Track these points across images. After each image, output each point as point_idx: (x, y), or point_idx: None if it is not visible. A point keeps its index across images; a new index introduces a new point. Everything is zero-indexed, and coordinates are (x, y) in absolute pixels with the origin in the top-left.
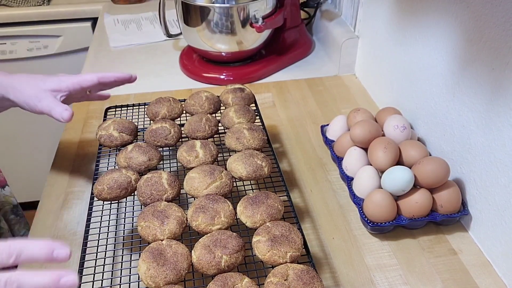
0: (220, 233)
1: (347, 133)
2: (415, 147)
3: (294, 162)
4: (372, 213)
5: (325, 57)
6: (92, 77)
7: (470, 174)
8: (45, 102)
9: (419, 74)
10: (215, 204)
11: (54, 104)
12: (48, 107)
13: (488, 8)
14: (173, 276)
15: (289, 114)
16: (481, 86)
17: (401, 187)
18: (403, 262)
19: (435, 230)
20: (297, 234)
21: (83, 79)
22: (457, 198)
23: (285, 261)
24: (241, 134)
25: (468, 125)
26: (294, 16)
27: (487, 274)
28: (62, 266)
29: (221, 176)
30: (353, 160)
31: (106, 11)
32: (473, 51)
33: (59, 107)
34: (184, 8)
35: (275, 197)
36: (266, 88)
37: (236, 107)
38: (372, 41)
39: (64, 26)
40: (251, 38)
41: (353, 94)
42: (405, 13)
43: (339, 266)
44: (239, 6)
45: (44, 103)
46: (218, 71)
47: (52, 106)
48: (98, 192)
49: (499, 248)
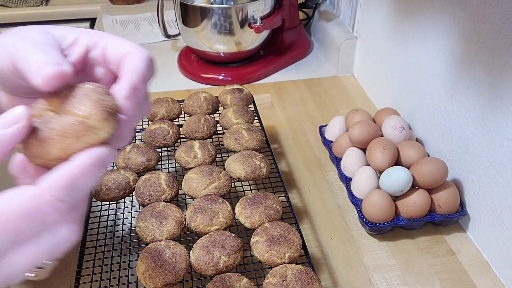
0: (218, 234)
1: (346, 134)
2: (413, 147)
3: (292, 163)
4: (371, 214)
5: (324, 57)
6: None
7: (468, 174)
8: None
9: (417, 74)
10: (214, 205)
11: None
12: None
13: (485, 9)
14: (172, 277)
15: (287, 115)
16: (479, 87)
17: (399, 187)
18: (401, 262)
19: (433, 231)
20: (296, 234)
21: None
22: (455, 199)
23: (284, 262)
24: (239, 135)
25: (466, 125)
26: (293, 16)
27: (485, 274)
28: (60, 266)
29: (219, 176)
30: (351, 160)
31: (104, 12)
32: (471, 52)
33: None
34: (182, 9)
35: (273, 198)
36: (265, 88)
37: (235, 108)
38: (371, 42)
39: None
40: (249, 38)
41: (351, 94)
42: (403, 14)
43: (337, 266)
44: (238, 7)
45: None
46: (217, 72)
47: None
48: (96, 193)
49: (497, 249)
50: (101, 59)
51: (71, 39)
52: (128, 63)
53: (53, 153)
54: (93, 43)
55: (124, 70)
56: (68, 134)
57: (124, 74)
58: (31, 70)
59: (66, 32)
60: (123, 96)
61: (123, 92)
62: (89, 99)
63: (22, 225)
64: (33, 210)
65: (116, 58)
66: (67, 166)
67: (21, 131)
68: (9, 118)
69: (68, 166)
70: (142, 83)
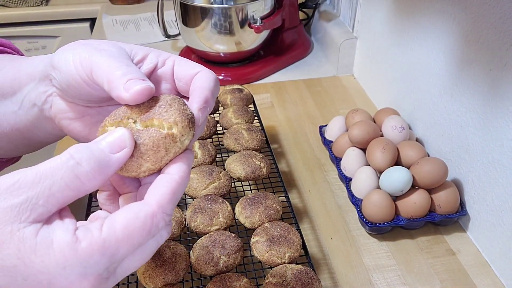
0: (218, 234)
1: (346, 134)
2: (413, 147)
3: (292, 163)
4: (371, 214)
5: (324, 58)
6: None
7: (468, 174)
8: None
9: (417, 75)
10: (214, 205)
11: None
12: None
13: (485, 9)
14: (172, 277)
15: (287, 115)
16: (479, 87)
17: (400, 187)
18: (401, 262)
19: (433, 231)
20: (296, 234)
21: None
22: (455, 199)
23: (284, 262)
24: (239, 135)
25: (466, 125)
26: (293, 16)
27: (485, 274)
28: None
29: (219, 176)
30: (351, 160)
31: (104, 12)
32: (471, 52)
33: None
34: (182, 9)
35: (273, 198)
36: (265, 88)
37: (235, 108)
38: (371, 42)
39: (63, 26)
40: (249, 38)
41: (351, 94)
42: (403, 14)
43: (337, 266)
44: (238, 7)
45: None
46: (217, 72)
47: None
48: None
49: (497, 249)
50: (169, 76)
51: (141, 55)
52: (200, 80)
53: (146, 167)
54: (162, 61)
55: (197, 86)
56: (159, 148)
57: (197, 90)
58: (115, 83)
59: (136, 48)
60: (197, 108)
61: (196, 104)
62: (173, 108)
63: (141, 240)
64: (152, 228)
65: (188, 76)
66: (169, 180)
67: (128, 155)
68: (116, 142)
69: (169, 180)
70: (212, 99)
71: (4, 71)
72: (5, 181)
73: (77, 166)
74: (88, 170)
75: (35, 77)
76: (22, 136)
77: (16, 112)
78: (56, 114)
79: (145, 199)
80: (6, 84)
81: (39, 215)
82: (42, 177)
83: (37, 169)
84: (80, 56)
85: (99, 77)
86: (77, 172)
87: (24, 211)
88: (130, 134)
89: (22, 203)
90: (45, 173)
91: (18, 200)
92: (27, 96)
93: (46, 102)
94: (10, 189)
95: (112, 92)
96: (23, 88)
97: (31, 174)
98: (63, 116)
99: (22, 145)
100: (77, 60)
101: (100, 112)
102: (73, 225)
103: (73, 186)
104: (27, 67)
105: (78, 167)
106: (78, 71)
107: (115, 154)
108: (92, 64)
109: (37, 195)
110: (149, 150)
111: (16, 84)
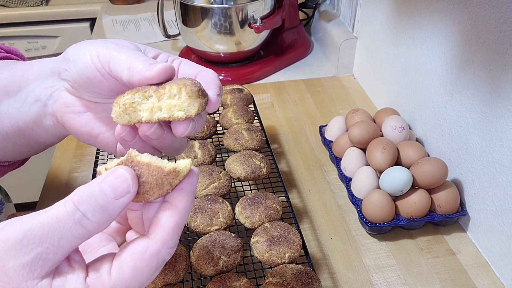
0: (218, 234)
1: (346, 134)
2: (413, 147)
3: (292, 163)
4: (371, 214)
5: (323, 58)
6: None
7: (468, 174)
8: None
9: (417, 75)
10: (214, 205)
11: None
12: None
13: (485, 9)
14: (172, 277)
15: (287, 115)
16: (479, 87)
17: (399, 187)
18: (401, 262)
19: (433, 231)
20: (296, 234)
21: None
22: (455, 199)
23: (284, 262)
24: (239, 135)
25: (466, 125)
26: (293, 16)
27: (485, 274)
28: None
29: (219, 176)
30: (351, 160)
31: (104, 12)
32: (470, 52)
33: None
34: (182, 9)
35: (273, 198)
36: (265, 88)
37: (235, 108)
38: (370, 42)
39: (62, 26)
40: (249, 38)
41: (351, 94)
42: (403, 14)
43: (337, 266)
44: (238, 7)
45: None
46: (217, 72)
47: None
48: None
49: (497, 249)
50: (176, 74)
51: (152, 54)
52: (208, 73)
53: (151, 199)
54: (171, 60)
55: (208, 79)
56: (164, 185)
57: (209, 81)
58: (137, 68)
59: (148, 48)
60: (215, 93)
61: (212, 91)
62: (185, 79)
63: (148, 276)
64: (158, 263)
65: (193, 74)
66: (172, 214)
67: (132, 198)
68: (120, 187)
69: (173, 213)
70: (221, 91)
71: (13, 71)
72: (11, 235)
73: (83, 219)
74: (94, 221)
75: (42, 74)
76: (21, 134)
77: (18, 109)
78: (60, 108)
79: (150, 235)
80: (14, 82)
81: (50, 267)
82: (50, 231)
83: (42, 221)
84: (97, 48)
85: (118, 66)
86: (84, 224)
87: (36, 268)
88: (133, 176)
89: (33, 260)
90: (53, 227)
91: (29, 257)
92: (32, 92)
93: (51, 97)
94: (19, 245)
95: (134, 76)
96: (29, 85)
97: (37, 229)
98: (68, 110)
99: (21, 144)
100: (94, 52)
101: (105, 108)
102: (83, 272)
103: (80, 236)
104: (35, 67)
105: (85, 220)
106: (94, 62)
107: (119, 200)
108: (111, 56)
109: (46, 250)
110: (154, 187)
111: (24, 82)
